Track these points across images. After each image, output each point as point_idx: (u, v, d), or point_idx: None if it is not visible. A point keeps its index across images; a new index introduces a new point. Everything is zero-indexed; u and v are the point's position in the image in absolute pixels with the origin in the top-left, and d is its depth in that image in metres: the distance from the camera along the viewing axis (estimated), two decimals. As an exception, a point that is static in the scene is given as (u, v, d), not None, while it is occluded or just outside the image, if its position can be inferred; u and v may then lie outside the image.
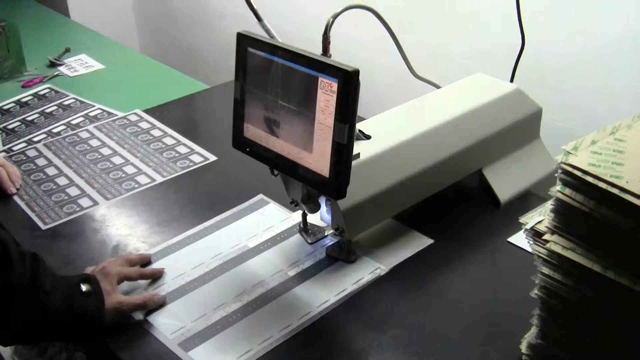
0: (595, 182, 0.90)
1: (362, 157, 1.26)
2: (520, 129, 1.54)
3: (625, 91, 1.77)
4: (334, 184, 1.11)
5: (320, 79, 1.08)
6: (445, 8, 2.15)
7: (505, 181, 1.51)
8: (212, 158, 1.74)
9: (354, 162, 1.13)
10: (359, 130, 1.34)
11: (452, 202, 1.52)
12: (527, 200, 1.52)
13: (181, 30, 3.47)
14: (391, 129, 1.39)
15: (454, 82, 1.61)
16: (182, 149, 1.79)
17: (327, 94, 1.07)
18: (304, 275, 1.32)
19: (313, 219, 1.41)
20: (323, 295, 1.26)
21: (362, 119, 1.45)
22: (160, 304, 1.26)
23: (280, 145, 1.18)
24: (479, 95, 1.52)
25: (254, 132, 1.23)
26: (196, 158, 1.74)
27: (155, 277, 1.32)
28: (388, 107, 1.49)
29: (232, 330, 1.20)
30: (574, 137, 0.99)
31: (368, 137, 1.34)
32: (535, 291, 1.01)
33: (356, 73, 1.04)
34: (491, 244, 1.40)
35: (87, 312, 1.16)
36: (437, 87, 1.61)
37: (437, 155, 1.40)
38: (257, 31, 1.25)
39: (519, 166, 1.54)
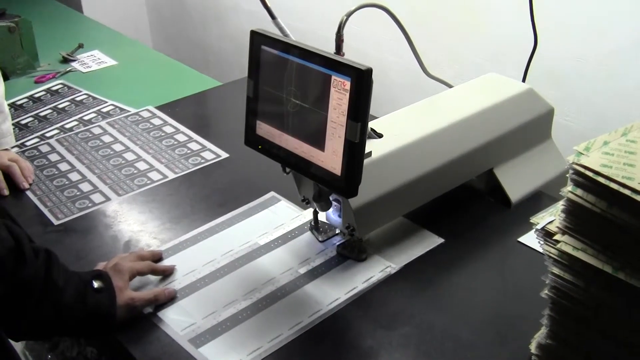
0: (607, 183, 0.89)
1: (373, 155, 1.27)
2: (532, 128, 1.54)
3: (637, 93, 1.76)
4: (346, 182, 1.11)
5: (333, 77, 1.08)
6: (459, 8, 2.15)
7: (516, 181, 1.51)
8: (224, 155, 1.75)
9: (365, 161, 1.13)
10: (371, 129, 1.34)
11: (463, 201, 1.52)
12: (538, 200, 1.52)
13: (194, 26, 3.48)
14: (403, 127, 1.39)
15: (467, 81, 1.61)
16: (194, 146, 1.79)
17: (340, 92, 1.07)
18: (315, 273, 1.32)
19: (324, 217, 1.41)
20: (333, 293, 1.27)
21: (374, 117, 1.45)
22: (171, 298, 1.26)
23: (292, 143, 1.19)
24: (491, 94, 1.52)
25: (267, 129, 1.23)
26: (208, 155, 1.75)
27: (167, 274, 1.33)
28: (400, 106, 1.49)
29: (242, 328, 1.20)
30: (585, 138, 0.98)
31: (380, 136, 1.34)
32: (546, 291, 1.01)
33: (369, 72, 1.04)
34: (502, 243, 1.40)
35: (100, 308, 1.16)
36: (450, 86, 1.61)
37: (448, 155, 1.40)
38: (269, 28, 1.25)
39: (530, 166, 1.54)
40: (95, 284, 1.17)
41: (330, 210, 1.33)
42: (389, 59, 2.38)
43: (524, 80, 1.65)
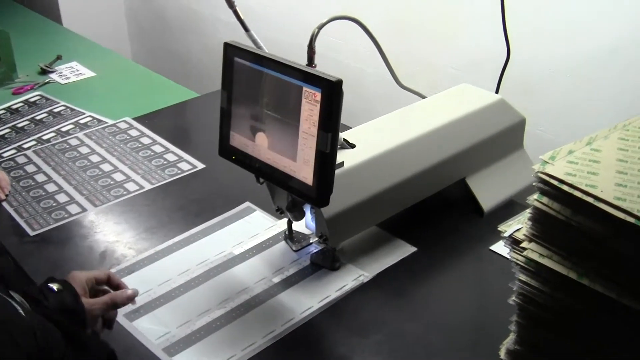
0: (571, 190, 0.91)
1: (346, 165, 1.28)
2: (504, 138, 1.56)
3: (609, 102, 1.79)
4: (317, 192, 1.12)
5: (304, 88, 1.10)
6: (435, 19, 2.17)
7: (489, 190, 1.53)
8: (200, 166, 1.76)
9: (338, 171, 1.15)
10: (344, 139, 1.35)
11: (436, 210, 1.53)
12: (510, 209, 1.53)
13: (173, 38, 3.48)
14: (376, 138, 1.41)
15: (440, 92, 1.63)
16: (170, 157, 1.80)
17: (311, 103, 1.09)
18: (288, 282, 1.33)
19: (298, 226, 1.43)
20: (306, 302, 1.28)
21: (349, 127, 1.47)
22: (130, 299, 1.17)
23: (265, 153, 1.20)
24: (463, 105, 1.54)
25: (240, 140, 1.24)
26: (184, 166, 1.76)
27: (121, 287, 1.20)
28: (377, 117, 1.51)
29: (216, 336, 1.21)
30: (558, 147, 1.00)
31: (353, 146, 1.36)
32: (513, 298, 1.03)
33: (339, 83, 1.06)
34: (474, 252, 1.42)
35: (64, 305, 1.06)
36: (423, 97, 1.63)
37: (420, 164, 1.41)
38: (247, 40, 1.27)
39: (503, 175, 1.56)
40: (54, 287, 1.07)
41: (309, 217, 1.35)
42: (366, 70, 2.40)
43: (497, 90, 1.67)
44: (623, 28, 1.70)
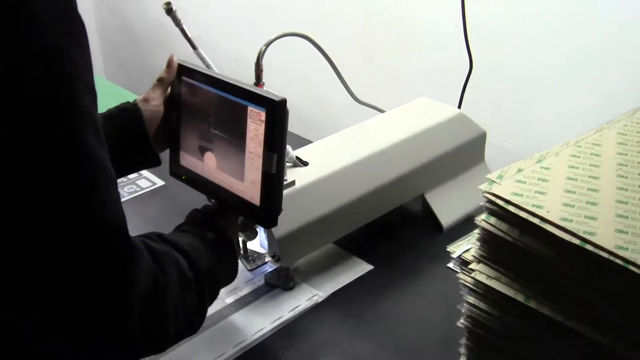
0: (517, 211, 0.90)
1: (298, 184, 1.26)
2: (464, 153, 1.55)
3: (572, 114, 1.78)
4: (265, 213, 1.10)
5: (249, 108, 1.08)
6: (397, 32, 2.16)
7: (448, 206, 1.51)
8: (160, 183, 1.73)
9: (289, 190, 1.13)
10: (297, 157, 1.34)
11: (394, 227, 1.52)
12: (470, 224, 1.50)
13: (144, 52, 3.46)
14: (331, 155, 1.39)
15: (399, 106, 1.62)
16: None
17: (256, 123, 1.07)
18: (242, 303, 1.31)
19: (253, 245, 1.41)
20: (259, 323, 1.26)
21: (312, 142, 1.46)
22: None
23: (214, 173, 1.18)
24: (422, 119, 1.52)
25: (190, 160, 1.22)
26: (143, 183, 1.73)
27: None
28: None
29: (166, 359, 1.18)
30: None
31: (305, 164, 1.34)
32: (462, 320, 1.01)
33: (283, 102, 1.04)
34: (431, 269, 1.40)
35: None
36: (382, 111, 1.61)
37: (376, 181, 1.40)
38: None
39: (463, 190, 1.54)
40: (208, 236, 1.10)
41: (263, 236, 1.33)
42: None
43: (460, 102, 1.66)
44: (585, 40, 1.69)
